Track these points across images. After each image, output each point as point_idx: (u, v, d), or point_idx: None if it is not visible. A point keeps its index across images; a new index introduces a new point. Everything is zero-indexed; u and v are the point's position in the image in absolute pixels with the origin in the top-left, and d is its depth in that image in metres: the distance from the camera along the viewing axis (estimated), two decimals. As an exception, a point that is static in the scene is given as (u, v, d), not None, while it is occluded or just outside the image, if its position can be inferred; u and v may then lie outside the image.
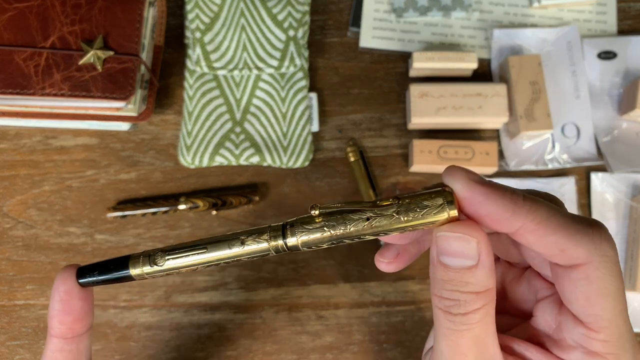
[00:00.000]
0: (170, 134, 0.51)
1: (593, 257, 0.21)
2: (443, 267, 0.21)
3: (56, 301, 0.26)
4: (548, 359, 0.22)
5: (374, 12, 0.53)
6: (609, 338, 0.21)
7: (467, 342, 0.21)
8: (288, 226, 0.23)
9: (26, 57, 0.44)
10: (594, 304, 0.21)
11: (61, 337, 0.27)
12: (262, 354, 0.48)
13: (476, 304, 0.21)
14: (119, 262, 0.26)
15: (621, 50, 0.53)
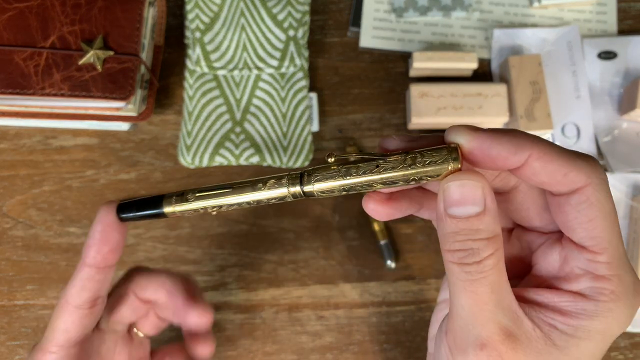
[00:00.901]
0: (170, 134, 0.51)
1: (592, 179, 0.22)
2: (452, 219, 0.22)
3: (97, 231, 0.29)
4: (559, 295, 0.23)
5: (374, 12, 0.53)
6: (611, 259, 0.23)
7: (486, 289, 0.22)
8: (306, 174, 0.25)
9: (26, 57, 0.44)
10: (596, 225, 0.22)
11: (95, 266, 0.30)
12: (262, 354, 0.48)
13: (488, 250, 0.22)
14: (154, 200, 0.28)
15: (621, 50, 0.53)
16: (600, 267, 0.23)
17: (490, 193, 0.22)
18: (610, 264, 0.23)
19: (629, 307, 0.23)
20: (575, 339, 0.22)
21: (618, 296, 0.22)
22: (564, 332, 0.22)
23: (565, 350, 0.22)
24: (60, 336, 0.30)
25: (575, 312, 0.23)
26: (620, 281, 0.23)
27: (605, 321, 0.22)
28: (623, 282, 0.23)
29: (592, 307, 0.22)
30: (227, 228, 0.50)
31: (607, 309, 0.22)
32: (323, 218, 0.50)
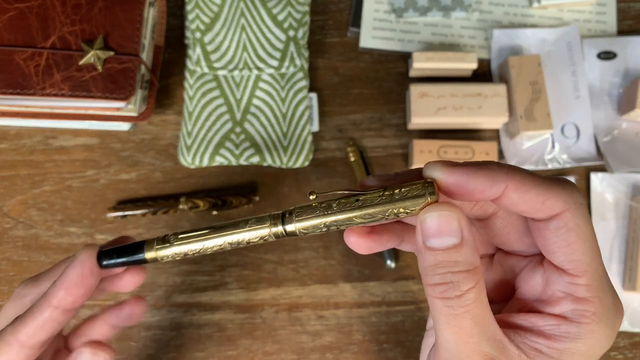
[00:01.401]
0: (171, 134, 0.51)
1: (570, 205, 0.23)
2: (430, 251, 0.23)
3: (75, 274, 0.29)
4: (542, 319, 0.24)
5: (374, 12, 0.53)
6: (591, 282, 0.23)
7: (469, 323, 0.22)
8: (287, 213, 0.25)
9: (26, 57, 0.44)
10: (575, 249, 0.23)
11: (61, 308, 0.29)
12: (262, 353, 0.48)
13: (469, 283, 0.22)
14: (136, 246, 0.28)
15: (621, 51, 0.53)
16: (581, 289, 0.23)
17: (467, 225, 0.23)
18: (590, 286, 0.23)
19: (610, 328, 0.23)
20: (564, 357, 0.23)
21: (599, 317, 0.23)
22: (548, 355, 0.23)
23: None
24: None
25: (558, 335, 0.23)
26: (601, 303, 0.23)
27: (588, 342, 0.23)
28: (603, 304, 0.23)
29: (574, 329, 0.23)
30: (227, 228, 0.50)
31: (589, 330, 0.23)
32: (323, 218, 0.50)
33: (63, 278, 0.29)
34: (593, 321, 0.23)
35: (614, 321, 0.24)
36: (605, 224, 0.50)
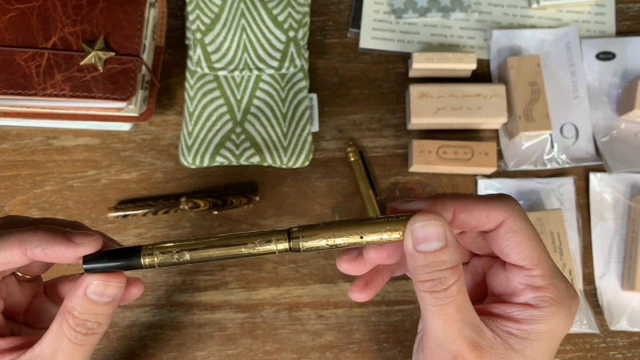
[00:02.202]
0: (171, 134, 0.51)
1: (509, 212, 0.28)
2: (420, 254, 0.27)
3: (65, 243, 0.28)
4: (510, 307, 0.28)
5: (373, 13, 0.54)
6: (544, 272, 0.28)
7: (454, 311, 0.27)
8: (293, 232, 0.28)
9: (27, 58, 0.44)
10: (524, 247, 0.28)
11: (29, 259, 0.29)
12: (263, 353, 0.48)
13: (453, 278, 0.27)
14: (130, 252, 0.28)
15: (620, 51, 0.53)
16: (537, 280, 0.28)
17: (450, 230, 0.27)
18: (544, 275, 0.28)
19: (567, 308, 0.28)
20: (528, 341, 0.27)
21: (556, 301, 0.27)
22: (518, 336, 0.27)
23: (522, 352, 0.27)
24: None
25: (525, 319, 0.27)
26: (555, 288, 0.28)
27: (550, 323, 0.27)
28: (558, 289, 0.28)
29: (537, 313, 0.27)
30: (227, 227, 0.50)
31: (550, 312, 0.27)
32: (323, 217, 0.50)
33: (55, 237, 0.28)
34: (551, 304, 0.27)
35: (570, 304, 0.28)
36: (604, 224, 0.50)
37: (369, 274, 0.32)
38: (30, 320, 0.33)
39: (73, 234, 0.28)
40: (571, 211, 0.50)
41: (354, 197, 0.50)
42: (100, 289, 0.28)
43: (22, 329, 0.33)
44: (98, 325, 0.29)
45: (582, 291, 0.49)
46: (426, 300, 0.27)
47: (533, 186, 0.51)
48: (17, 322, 0.33)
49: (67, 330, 0.28)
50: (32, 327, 0.33)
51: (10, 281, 0.32)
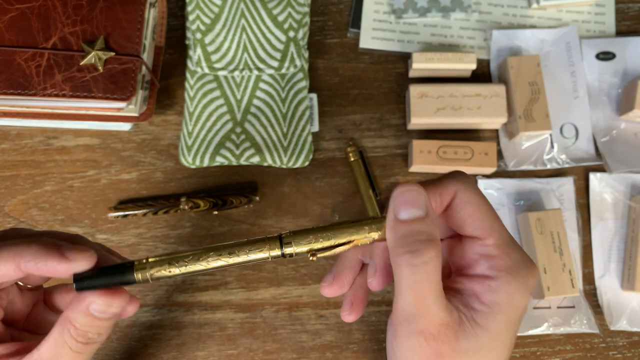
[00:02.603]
0: (171, 134, 0.51)
1: (459, 186, 0.29)
2: (400, 223, 0.28)
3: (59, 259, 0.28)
4: (470, 280, 0.29)
5: (373, 13, 0.54)
6: (497, 241, 0.28)
7: (428, 288, 0.27)
8: (284, 238, 0.29)
9: (27, 58, 0.44)
10: (477, 217, 0.29)
11: (24, 273, 0.29)
12: (263, 352, 0.48)
13: (431, 251, 0.27)
14: (125, 267, 0.28)
15: (620, 51, 0.53)
16: (490, 249, 0.28)
17: (430, 203, 0.28)
18: (497, 245, 0.28)
19: (524, 278, 0.28)
20: (491, 315, 0.28)
21: (511, 269, 0.28)
22: (481, 311, 0.28)
23: (486, 326, 0.28)
24: None
25: (483, 292, 0.28)
26: (509, 257, 0.28)
27: (508, 292, 0.28)
28: (512, 258, 0.28)
29: (494, 283, 0.28)
30: (227, 227, 0.50)
31: (506, 282, 0.28)
32: (323, 217, 0.50)
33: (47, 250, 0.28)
34: (507, 274, 0.28)
35: (527, 274, 0.28)
36: (604, 224, 0.51)
37: (351, 293, 0.33)
38: (31, 327, 0.34)
39: (67, 249, 0.28)
40: (571, 211, 0.50)
41: (354, 197, 0.50)
42: (103, 308, 0.29)
43: (22, 335, 0.33)
44: (98, 336, 0.30)
45: (582, 291, 0.49)
46: (403, 274, 0.27)
47: (533, 186, 0.51)
48: (18, 328, 0.33)
49: (69, 339, 0.29)
50: (33, 334, 0.34)
51: (12, 290, 0.33)
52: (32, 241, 0.29)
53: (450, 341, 0.27)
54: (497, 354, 0.28)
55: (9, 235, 0.31)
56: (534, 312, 0.49)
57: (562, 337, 0.49)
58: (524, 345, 0.48)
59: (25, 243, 0.29)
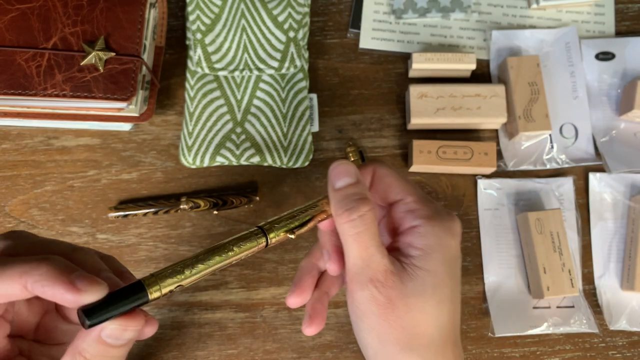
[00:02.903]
0: (172, 134, 0.51)
1: (375, 165, 0.35)
2: (337, 191, 0.32)
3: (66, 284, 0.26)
4: (404, 234, 0.33)
5: (373, 14, 0.54)
6: (415, 197, 0.34)
7: (368, 237, 0.31)
8: (265, 228, 0.32)
9: (28, 58, 0.44)
10: (395, 185, 0.34)
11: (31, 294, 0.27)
12: (263, 352, 0.48)
13: (366, 206, 0.31)
14: (135, 289, 0.27)
15: (619, 51, 0.53)
16: (411, 204, 0.34)
17: (359, 173, 0.33)
18: (416, 200, 0.34)
19: (446, 222, 0.33)
20: (426, 256, 0.32)
21: (431, 216, 0.33)
22: (418, 255, 0.32)
23: (425, 266, 0.32)
24: None
25: (415, 239, 0.32)
26: (428, 207, 0.33)
27: (434, 234, 0.32)
28: (431, 208, 0.33)
29: (421, 229, 0.33)
30: (227, 227, 0.50)
31: (430, 226, 0.33)
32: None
33: (53, 273, 0.26)
34: (429, 220, 0.33)
35: (447, 219, 0.33)
36: (603, 224, 0.51)
37: (310, 307, 0.36)
38: (41, 337, 0.32)
39: (78, 277, 0.26)
40: (571, 211, 0.50)
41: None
42: (116, 333, 0.26)
43: (32, 346, 0.31)
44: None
45: (581, 291, 0.49)
46: (345, 231, 0.31)
47: (532, 186, 0.51)
48: (27, 340, 0.31)
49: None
50: (43, 344, 0.32)
51: (18, 302, 0.31)
52: (43, 260, 0.26)
53: (398, 286, 0.31)
54: (441, 291, 0.32)
55: (16, 241, 0.29)
56: (533, 311, 0.49)
57: (561, 337, 0.49)
58: (523, 344, 0.49)
59: (35, 261, 0.26)
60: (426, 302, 0.32)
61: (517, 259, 0.50)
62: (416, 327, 0.31)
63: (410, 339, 0.31)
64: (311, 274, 0.36)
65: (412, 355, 0.32)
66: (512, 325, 0.48)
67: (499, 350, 0.49)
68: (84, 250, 0.30)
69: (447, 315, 0.32)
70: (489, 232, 0.50)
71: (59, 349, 0.31)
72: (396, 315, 0.31)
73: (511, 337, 0.49)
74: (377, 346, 0.32)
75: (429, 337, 0.32)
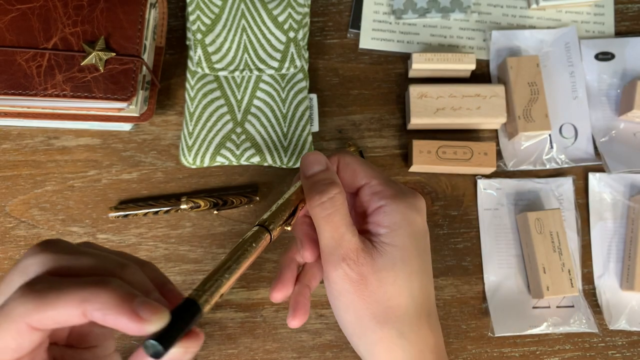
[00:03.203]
0: (172, 134, 0.51)
1: (339, 155, 0.37)
2: (308, 178, 0.35)
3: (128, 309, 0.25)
4: (369, 217, 0.35)
5: (373, 14, 0.54)
6: (378, 180, 0.36)
7: (339, 218, 0.33)
8: (267, 224, 0.33)
9: (28, 58, 0.44)
10: (359, 171, 0.36)
11: (88, 318, 0.25)
12: (263, 352, 0.48)
13: (335, 189, 0.34)
14: (189, 306, 0.27)
15: (619, 51, 0.53)
16: (375, 187, 0.36)
17: (328, 162, 0.35)
18: (380, 183, 0.36)
19: (410, 199, 0.35)
20: (393, 232, 0.34)
21: (395, 195, 0.35)
22: (385, 233, 0.34)
23: (393, 242, 0.34)
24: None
25: (381, 218, 0.34)
26: (392, 188, 0.35)
27: (399, 211, 0.34)
28: (394, 188, 0.35)
29: (386, 208, 0.34)
30: (228, 227, 0.50)
31: (395, 204, 0.35)
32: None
33: (111, 296, 0.24)
34: (393, 199, 0.35)
35: (411, 197, 0.35)
36: (603, 224, 0.51)
37: (293, 300, 0.37)
38: (74, 341, 0.31)
39: (140, 305, 0.25)
40: (570, 211, 0.51)
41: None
42: (178, 357, 0.25)
43: (64, 352, 0.30)
44: None
45: (581, 291, 0.49)
46: (318, 214, 0.34)
47: (532, 186, 0.51)
48: (59, 345, 0.30)
49: None
50: (75, 349, 0.30)
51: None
52: (103, 285, 0.25)
53: (369, 262, 0.33)
54: (410, 264, 0.34)
55: (57, 252, 0.27)
56: (533, 311, 0.49)
57: (561, 337, 0.49)
58: (523, 344, 0.49)
59: (94, 286, 0.25)
60: (397, 276, 0.33)
61: (516, 258, 0.50)
62: (389, 300, 0.33)
63: (384, 312, 0.33)
64: (290, 268, 0.37)
65: (387, 327, 0.33)
66: (512, 325, 0.48)
67: (499, 350, 0.49)
68: (132, 269, 0.28)
69: (418, 286, 0.34)
70: (489, 232, 0.50)
71: (89, 352, 0.31)
72: (369, 290, 0.33)
73: (511, 337, 0.49)
74: (354, 323, 0.34)
75: (403, 309, 0.33)
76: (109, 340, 0.31)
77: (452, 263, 0.50)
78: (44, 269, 0.26)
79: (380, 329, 0.33)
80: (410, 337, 0.34)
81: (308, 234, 0.36)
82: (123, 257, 0.29)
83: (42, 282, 0.25)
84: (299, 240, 0.37)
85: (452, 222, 0.51)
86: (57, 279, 0.25)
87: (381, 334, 0.34)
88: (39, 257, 0.26)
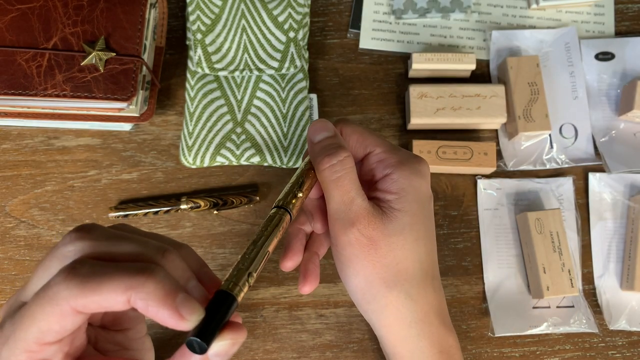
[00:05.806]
0: (172, 134, 0.51)
1: (341, 124, 0.37)
2: (316, 144, 0.35)
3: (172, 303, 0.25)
4: (377, 184, 0.36)
5: (373, 14, 0.54)
6: (383, 147, 0.36)
7: (348, 182, 0.34)
8: (285, 205, 0.33)
9: (28, 58, 0.44)
10: (362, 140, 0.37)
11: (131, 306, 0.25)
12: (263, 352, 0.48)
13: (343, 153, 0.34)
14: (224, 298, 0.27)
15: (619, 51, 0.53)
16: (380, 155, 0.36)
17: (336, 130, 0.36)
18: (385, 150, 0.36)
19: (415, 165, 0.35)
20: (402, 197, 0.34)
21: (400, 162, 0.35)
22: (394, 199, 0.34)
23: (402, 208, 0.34)
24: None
25: (389, 185, 0.35)
26: (395, 155, 0.36)
27: (405, 177, 0.35)
28: (398, 155, 0.36)
29: (393, 175, 0.35)
30: (228, 227, 0.50)
31: (400, 170, 0.35)
32: (323, 218, 0.50)
33: (160, 289, 0.24)
34: (398, 166, 0.35)
35: (415, 162, 0.36)
36: (603, 224, 0.51)
37: (303, 268, 0.37)
38: (108, 323, 0.31)
39: (182, 303, 0.25)
40: (570, 211, 0.51)
41: (354, 197, 0.51)
42: (225, 349, 0.25)
43: (98, 333, 0.30)
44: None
45: (581, 291, 0.49)
46: (326, 177, 0.34)
47: (532, 186, 0.51)
48: (94, 326, 0.30)
49: None
50: (108, 330, 0.31)
51: None
52: (149, 275, 0.24)
53: (379, 226, 0.33)
54: (417, 228, 0.35)
55: (98, 238, 0.28)
56: (533, 311, 0.49)
57: (561, 337, 0.49)
58: (523, 344, 0.49)
59: (139, 274, 0.24)
60: (405, 240, 0.34)
61: (516, 258, 0.50)
62: (398, 264, 0.34)
63: (394, 275, 0.34)
64: (299, 238, 0.37)
65: (396, 290, 0.34)
66: (512, 325, 0.48)
67: (499, 350, 0.49)
68: (172, 255, 0.27)
69: (425, 250, 0.35)
70: (489, 232, 0.50)
71: (122, 335, 0.31)
72: (380, 254, 0.33)
73: (511, 337, 0.49)
74: (364, 288, 0.34)
75: (411, 272, 0.34)
76: (141, 324, 0.32)
77: (452, 263, 0.50)
78: (84, 255, 0.26)
79: (389, 292, 0.34)
80: (417, 299, 0.35)
81: (318, 205, 0.37)
82: (161, 240, 0.29)
83: (86, 266, 0.25)
84: (309, 213, 0.37)
85: (452, 222, 0.51)
86: (101, 263, 0.25)
87: (390, 297, 0.34)
88: (77, 243, 0.27)
